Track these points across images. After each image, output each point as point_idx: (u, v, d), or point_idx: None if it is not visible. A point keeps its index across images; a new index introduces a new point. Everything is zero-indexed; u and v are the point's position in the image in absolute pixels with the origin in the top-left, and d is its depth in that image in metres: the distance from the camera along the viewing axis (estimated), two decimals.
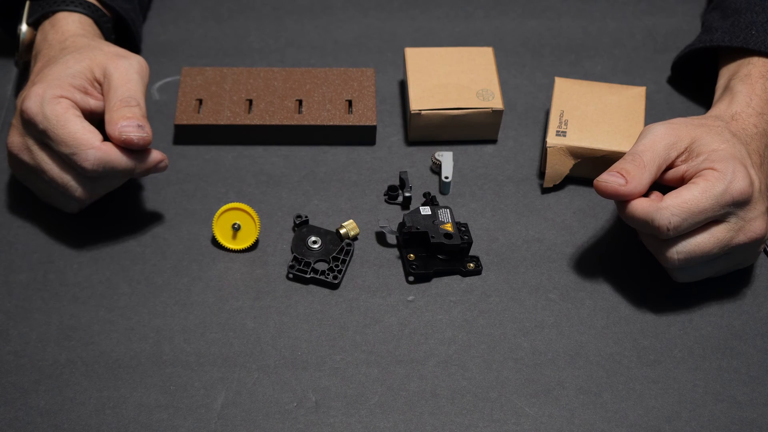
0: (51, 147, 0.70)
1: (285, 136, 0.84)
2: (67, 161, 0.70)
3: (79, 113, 0.71)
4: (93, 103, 0.72)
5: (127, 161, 0.71)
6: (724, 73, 0.81)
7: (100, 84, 0.73)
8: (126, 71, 0.72)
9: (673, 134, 0.70)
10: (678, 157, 0.70)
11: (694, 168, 0.69)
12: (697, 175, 0.69)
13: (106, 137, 0.71)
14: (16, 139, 0.73)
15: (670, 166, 0.71)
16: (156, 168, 0.73)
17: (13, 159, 0.74)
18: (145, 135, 0.70)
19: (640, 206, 0.68)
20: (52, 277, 0.75)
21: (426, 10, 0.97)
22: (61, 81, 0.71)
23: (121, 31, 0.88)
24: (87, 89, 0.72)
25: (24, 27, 0.81)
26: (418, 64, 0.86)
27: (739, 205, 0.68)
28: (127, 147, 0.70)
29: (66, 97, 0.71)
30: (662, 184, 0.72)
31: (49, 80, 0.71)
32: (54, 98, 0.70)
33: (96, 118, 0.73)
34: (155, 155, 0.72)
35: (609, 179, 0.69)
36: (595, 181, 0.70)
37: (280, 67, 0.88)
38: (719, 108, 0.77)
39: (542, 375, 0.70)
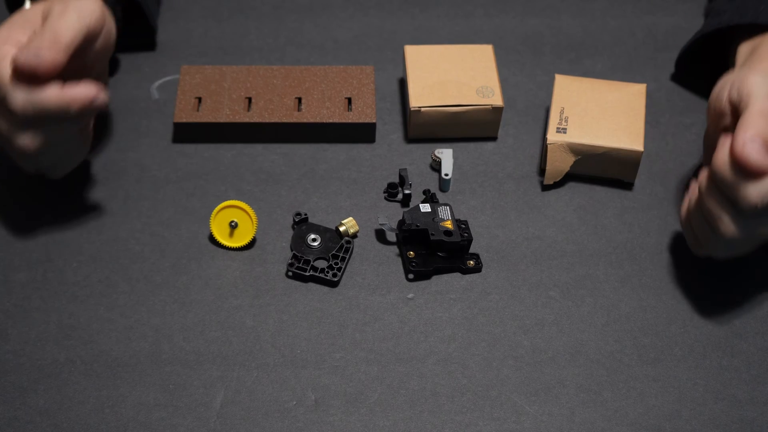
0: None
1: (284, 133, 0.84)
2: (2, 107, 0.69)
3: None
4: None
5: (56, 99, 0.67)
6: (746, 45, 0.78)
7: None
8: (63, 8, 0.70)
9: None
10: None
11: None
12: None
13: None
14: None
15: None
16: (93, 105, 0.69)
17: None
18: (32, 60, 0.66)
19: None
20: (51, 276, 0.74)
21: (426, 8, 0.97)
22: (11, 28, 0.70)
23: (138, 19, 0.88)
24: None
25: (27, 5, 0.81)
26: (417, 61, 0.86)
27: None
28: (21, 74, 0.67)
29: (11, 44, 0.69)
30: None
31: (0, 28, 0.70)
32: None
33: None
34: (89, 90, 0.68)
35: (758, 158, 0.63)
36: (738, 149, 0.64)
37: (280, 65, 0.88)
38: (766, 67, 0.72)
39: (542, 373, 0.70)
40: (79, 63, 0.71)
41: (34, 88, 0.68)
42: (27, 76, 0.67)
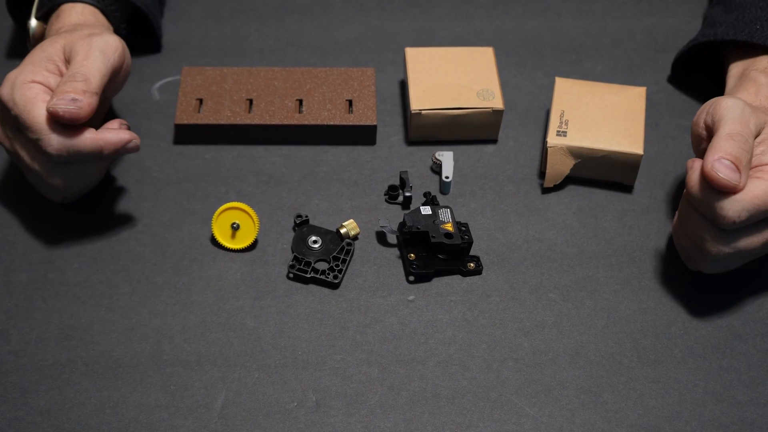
0: (24, 133, 0.70)
1: (285, 135, 0.84)
2: (35, 147, 0.70)
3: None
4: None
5: (91, 143, 0.69)
6: (737, 66, 0.80)
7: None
8: (88, 48, 0.71)
9: (755, 116, 0.68)
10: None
11: (757, 159, 0.67)
12: (761, 170, 0.67)
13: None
14: None
15: None
16: (125, 149, 0.71)
17: (2, 147, 0.74)
18: (72, 108, 0.67)
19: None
20: (53, 276, 0.75)
21: (426, 10, 0.97)
22: (36, 65, 0.71)
23: (144, 24, 0.88)
24: (62, 71, 0.72)
25: (33, 22, 0.81)
26: (418, 63, 0.86)
27: None
28: (57, 121, 0.68)
29: (39, 82, 0.70)
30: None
31: (24, 65, 0.71)
32: (25, 83, 0.69)
33: None
34: (122, 135, 0.70)
35: (728, 174, 0.65)
36: (707, 169, 0.65)
37: (281, 67, 0.88)
38: (745, 98, 0.75)
39: (543, 375, 0.70)
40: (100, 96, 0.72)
41: (69, 132, 0.69)
42: (65, 122, 0.68)
